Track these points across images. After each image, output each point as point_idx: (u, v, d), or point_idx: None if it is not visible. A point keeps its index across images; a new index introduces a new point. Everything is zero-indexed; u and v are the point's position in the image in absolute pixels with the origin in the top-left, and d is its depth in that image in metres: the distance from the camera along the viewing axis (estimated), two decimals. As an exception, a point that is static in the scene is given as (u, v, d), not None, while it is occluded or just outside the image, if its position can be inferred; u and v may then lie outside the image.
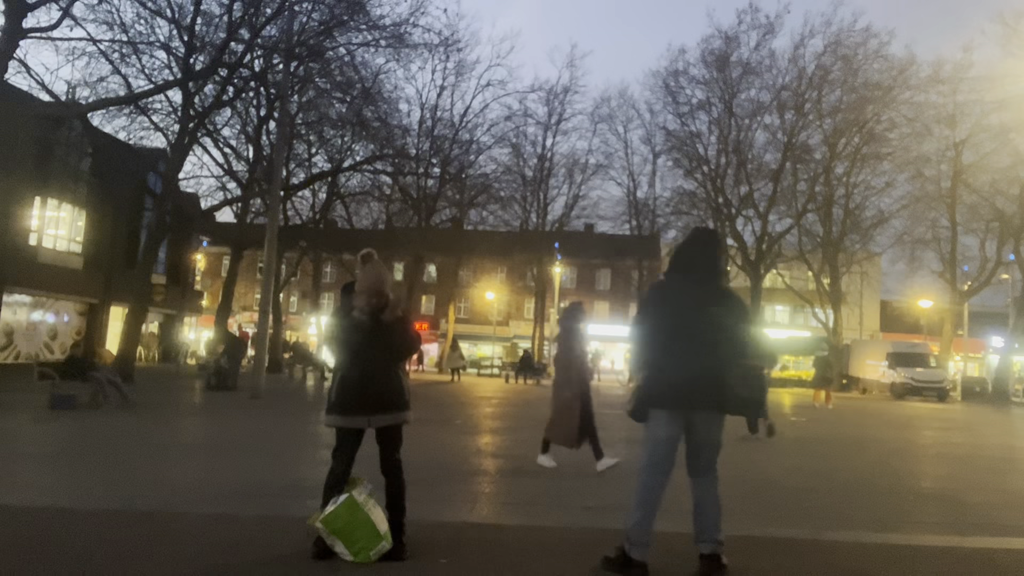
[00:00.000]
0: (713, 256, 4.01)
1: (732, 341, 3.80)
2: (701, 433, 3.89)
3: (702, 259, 3.99)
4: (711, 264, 3.98)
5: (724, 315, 3.84)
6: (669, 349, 3.84)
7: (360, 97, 22.97)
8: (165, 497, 5.56)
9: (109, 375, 13.31)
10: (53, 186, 22.95)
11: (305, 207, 33.84)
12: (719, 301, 3.89)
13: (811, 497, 6.51)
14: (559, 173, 43.88)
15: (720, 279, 4.03)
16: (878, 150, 36.16)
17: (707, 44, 38.17)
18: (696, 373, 3.77)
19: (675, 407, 3.82)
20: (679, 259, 4.06)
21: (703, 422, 3.86)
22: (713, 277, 3.97)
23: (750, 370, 3.80)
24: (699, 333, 3.81)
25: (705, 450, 3.93)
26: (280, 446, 9.00)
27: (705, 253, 4.01)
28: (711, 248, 4.05)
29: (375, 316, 4.09)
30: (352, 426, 4.06)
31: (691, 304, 3.87)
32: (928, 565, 4.26)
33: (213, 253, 47.90)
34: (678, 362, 3.80)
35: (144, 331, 27.86)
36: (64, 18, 16.47)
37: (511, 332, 51.54)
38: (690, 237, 4.20)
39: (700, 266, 3.97)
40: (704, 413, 3.84)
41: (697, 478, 3.96)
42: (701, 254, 4.01)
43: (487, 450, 9.11)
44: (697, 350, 3.79)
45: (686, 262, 4.03)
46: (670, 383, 3.81)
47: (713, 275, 3.97)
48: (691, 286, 3.93)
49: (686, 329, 3.83)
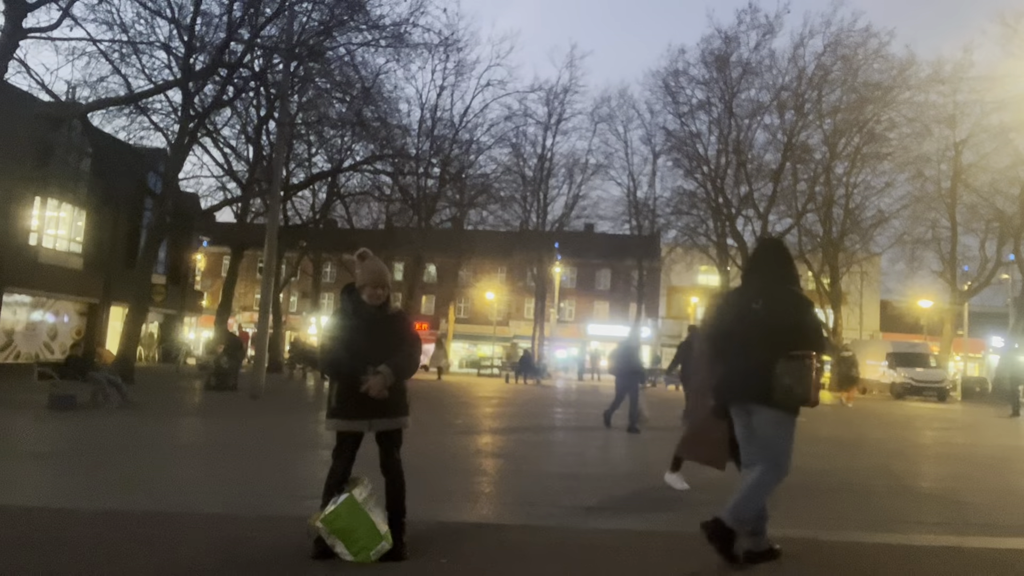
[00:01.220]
0: (771, 261, 4.29)
1: (782, 335, 3.96)
2: (752, 426, 4.09)
3: (760, 264, 4.33)
4: (768, 268, 4.26)
5: (776, 312, 4.04)
6: (727, 348, 4.19)
7: (360, 97, 22.95)
8: (165, 497, 5.56)
9: (109, 375, 13.32)
10: (53, 186, 22.94)
11: (305, 207, 33.88)
12: (772, 299, 4.09)
13: (811, 497, 6.51)
14: (559, 173, 43.95)
15: (771, 280, 4.20)
16: (878, 150, 36.15)
17: (707, 44, 38.26)
18: (746, 367, 4.03)
19: (734, 402, 4.15)
20: (745, 267, 4.45)
21: (754, 415, 4.07)
22: (768, 279, 4.20)
23: (797, 360, 3.92)
24: (750, 330, 4.07)
25: (757, 443, 4.08)
26: (280, 446, 9.00)
27: (763, 259, 4.35)
28: (768, 254, 4.37)
29: (380, 311, 4.10)
30: (353, 430, 4.06)
31: (746, 305, 4.16)
32: (928, 565, 4.26)
33: (213, 253, 47.90)
34: (733, 359, 4.13)
35: (144, 331, 27.87)
36: (64, 18, 16.46)
37: (511, 332, 51.51)
38: (755, 246, 4.56)
39: (758, 270, 4.31)
40: (755, 406, 4.04)
41: (744, 471, 4.14)
42: (760, 259, 4.37)
43: (487, 450, 9.11)
44: (748, 347, 4.05)
45: (748, 268, 4.46)
46: (727, 379, 4.16)
47: (769, 277, 4.21)
48: (748, 289, 4.27)
49: (740, 328, 4.13)
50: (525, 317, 50.84)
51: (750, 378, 4.00)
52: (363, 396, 3.93)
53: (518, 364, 32.86)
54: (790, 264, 4.29)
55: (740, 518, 3.94)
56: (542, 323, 43.14)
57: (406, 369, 4.09)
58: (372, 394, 3.91)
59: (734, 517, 3.92)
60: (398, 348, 4.05)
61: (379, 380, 3.90)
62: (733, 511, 3.93)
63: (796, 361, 3.89)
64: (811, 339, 4.00)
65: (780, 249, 4.40)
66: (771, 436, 4.03)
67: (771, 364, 3.90)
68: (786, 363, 3.88)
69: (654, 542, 4.61)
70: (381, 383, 3.90)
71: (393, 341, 4.06)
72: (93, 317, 25.96)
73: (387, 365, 3.94)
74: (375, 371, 3.91)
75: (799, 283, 4.34)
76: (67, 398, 11.98)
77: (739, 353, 4.09)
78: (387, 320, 4.12)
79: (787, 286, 4.19)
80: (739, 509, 3.94)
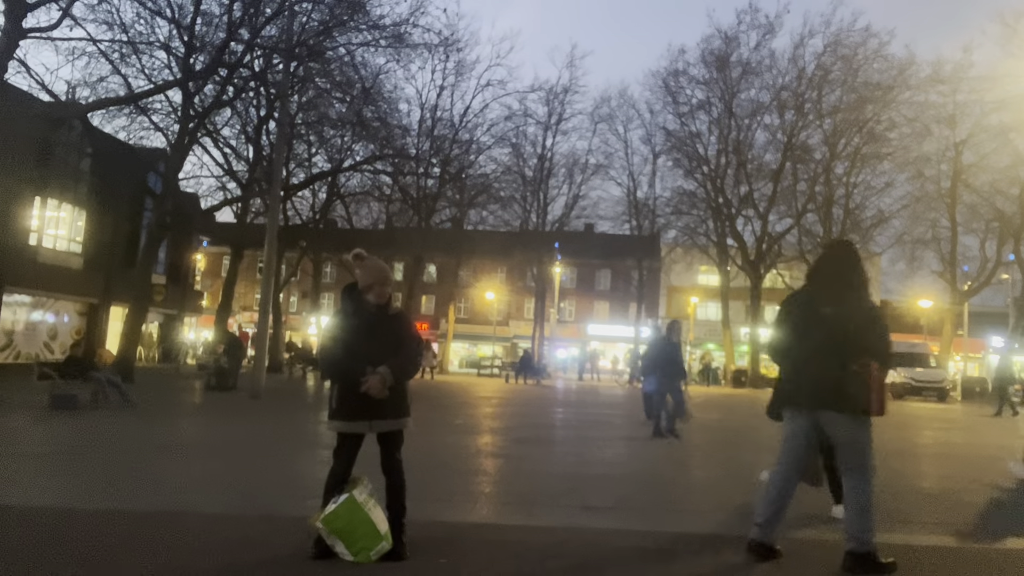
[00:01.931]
0: (841, 265, 4.24)
1: (851, 343, 3.98)
2: (828, 432, 4.12)
3: (828, 269, 4.29)
4: (836, 273, 4.22)
5: (844, 319, 4.03)
6: (794, 353, 4.19)
7: (360, 97, 22.97)
8: (165, 497, 5.56)
9: (109, 375, 13.31)
10: (53, 186, 22.93)
11: (305, 207, 33.89)
12: (842, 306, 4.08)
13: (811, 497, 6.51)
14: (559, 173, 43.88)
15: (841, 286, 4.18)
16: (878, 150, 36.16)
17: (707, 44, 38.27)
18: (815, 375, 4.05)
19: (800, 406, 4.16)
20: (811, 270, 4.40)
21: (828, 422, 4.08)
22: (837, 285, 4.18)
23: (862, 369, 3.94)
24: (820, 337, 4.07)
25: (840, 450, 4.12)
26: (280, 446, 9.00)
27: (833, 262, 4.30)
28: (838, 258, 4.31)
29: (381, 311, 4.10)
30: (354, 431, 4.06)
31: (815, 310, 4.14)
32: (928, 565, 4.26)
33: (213, 253, 47.89)
34: (801, 365, 4.15)
35: (144, 331, 27.87)
36: (64, 18, 16.46)
37: (511, 332, 51.52)
38: (823, 250, 4.56)
39: (825, 275, 4.27)
40: (827, 413, 4.06)
41: (844, 476, 4.13)
42: (827, 264, 4.32)
43: (487, 450, 9.11)
44: (817, 353, 4.06)
45: (816, 270, 4.39)
46: (795, 384, 4.19)
47: (837, 283, 4.18)
48: (817, 293, 4.22)
49: (809, 334, 4.12)
50: (525, 317, 50.83)
51: (820, 385, 4.02)
52: (364, 397, 3.92)
53: (518, 364, 32.87)
54: (859, 269, 4.23)
55: (862, 536, 3.96)
56: (542, 323, 43.13)
57: (407, 369, 4.09)
58: (372, 394, 3.90)
59: (857, 539, 3.96)
60: (399, 348, 4.05)
61: (378, 380, 3.89)
62: (853, 534, 3.97)
63: (862, 370, 3.93)
64: (878, 348, 4.02)
65: (849, 253, 4.32)
66: (849, 441, 4.06)
67: (839, 371, 3.94)
68: (853, 371, 3.93)
69: (654, 542, 4.61)
70: (381, 383, 3.90)
71: (394, 341, 4.06)
72: (93, 317, 25.95)
73: (387, 366, 3.94)
74: (375, 371, 3.91)
75: (868, 288, 4.31)
76: (67, 398, 11.98)
77: (809, 360, 4.09)
78: (388, 320, 4.11)
79: (857, 292, 4.17)
80: (854, 528, 3.98)
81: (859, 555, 3.94)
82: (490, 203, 37.56)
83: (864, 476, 4.03)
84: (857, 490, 4.02)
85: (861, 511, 3.99)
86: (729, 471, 8.30)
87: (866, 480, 4.03)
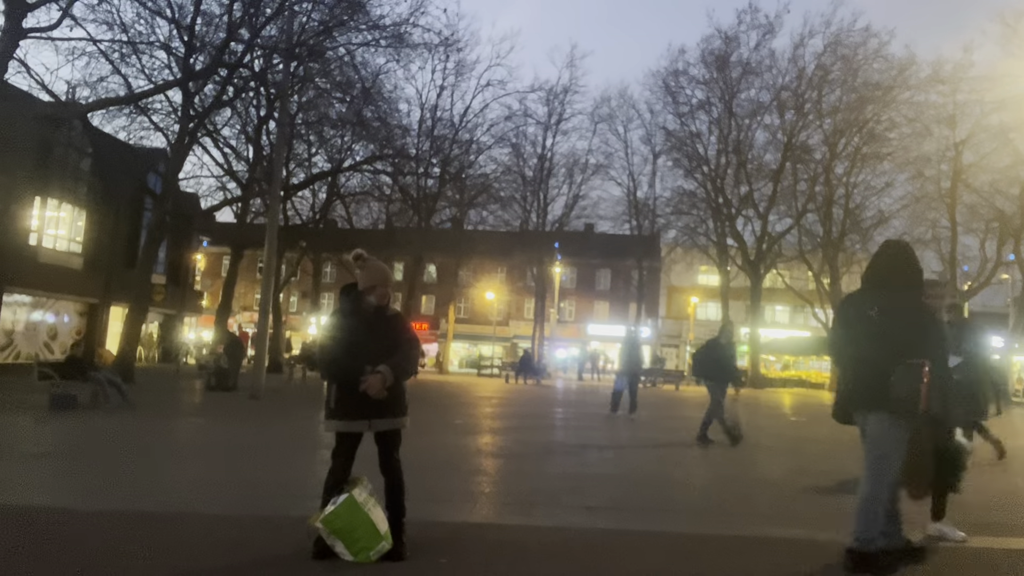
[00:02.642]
0: (891, 265, 4.18)
1: (897, 344, 3.94)
2: (866, 431, 4.09)
3: (881, 268, 4.22)
4: (888, 273, 4.17)
5: (891, 319, 4.00)
6: (846, 354, 4.20)
7: (360, 97, 22.96)
8: (165, 497, 5.56)
9: (109, 375, 13.31)
10: (53, 186, 22.94)
11: (305, 207, 33.89)
12: (889, 306, 4.05)
13: (811, 497, 6.52)
14: (559, 173, 43.86)
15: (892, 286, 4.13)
16: (878, 150, 36.11)
17: (707, 44, 38.20)
18: (863, 375, 4.04)
19: (856, 408, 4.13)
20: (865, 271, 4.33)
21: (870, 422, 4.06)
22: (887, 285, 4.14)
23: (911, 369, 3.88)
24: (865, 337, 4.05)
25: (867, 448, 4.08)
26: (280, 446, 9.00)
27: (884, 262, 4.23)
28: (889, 258, 4.24)
29: (380, 311, 4.10)
30: (352, 430, 4.06)
31: (863, 311, 4.11)
32: (928, 565, 4.26)
33: (213, 253, 47.87)
34: (852, 366, 4.14)
35: (144, 331, 27.86)
36: (64, 18, 16.46)
37: (511, 332, 51.50)
38: (878, 248, 4.44)
39: (877, 276, 4.22)
40: (873, 414, 4.02)
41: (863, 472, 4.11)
42: (880, 263, 4.24)
43: (487, 450, 9.11)
44: (864, 354, 4.04)
45: (868, 271, 4.30)
46: (847, 387, 4.18)
47: (888, 283, 4.14)
48: (867, 294, 4.18)
49: (856, 335, 4.11)
50: (525, 317, 50.80)
51: (865, 385, 4.01)
52: (362, 396, 3.92)
53: (518, 364, 32.88)
54: (912, 269, 4.16)
55: (865, 536, 3.93)
56: (542, 323, 43.12)
57: (405, 369, 4.09)
58: (371, 393, 3.90)
59: (858, 539, 3.94)
60: (397, 349, 4.06)
61: (378, 379, 3.90)
62: (855, 534, 3.95)
63: (910, 370, 3.87)
64: (926, 348, 3.96)
65: (901, 253, 4.25)
66: (875, 440, 4.02)
67: (885, 372, 3.89)
68: (901, 371, 3.87)
69: (654, 542, 4.61)
70: (380, 383, 3.90)
71: (392, 342, 4.07)
72: (93, 317, 25.95)
73: (387, 365, 3.94)
74: (374, 371, 3.92)
75: (920, 288, 4.23)
76: (67, 398, 11.98)
77: (856, 360, 4.10)
78: (386, 321, 4.12)
79: (907, 293, 4.12)
80: (858, 530, 3.95)
81: (859, 554, 3.92)
82: (490, 203, 37.58)
83: (877, 480, 4.00)
84: (865, 494, 4.00)
85: (863, 512, 3.96)
86: (729, 471, 8.29)
87: (879, 485, 4.00)
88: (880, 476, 4.00)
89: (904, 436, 3.99)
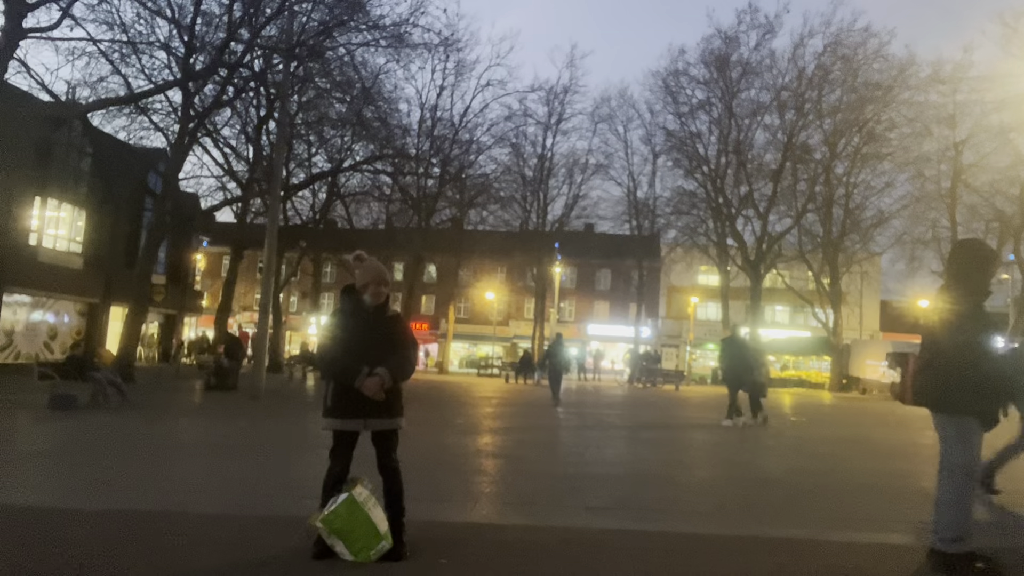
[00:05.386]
0: (959, 267, 4.22)
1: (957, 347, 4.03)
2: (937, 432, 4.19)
3: (951, 269, 4.27)
4: (954, 275, 4.21)
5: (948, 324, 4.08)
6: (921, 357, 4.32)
7: (360, 97, 22.98)
8: (165, 497, 5.55)
9: (109, 375, 13.32)
10: (53, 186, 22.94)
11: (305, 207, 33.89)
12: (950, 309, 4.11)
13: (811, 497, 6.51)
14: (559, 173, 43.82)
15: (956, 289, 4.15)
16: (878, 150, 36.13)
17: (707, 44, 38.27)
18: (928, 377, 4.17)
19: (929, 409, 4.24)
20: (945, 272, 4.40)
21: (936, 424, 4.17)
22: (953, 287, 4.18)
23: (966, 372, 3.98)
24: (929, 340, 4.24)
25: (940, 446, 4.15)
26: (280, 446, 9.00)
27: (954, 263, 4.28)
28: (958, 259, 4.28)
29: (379, 312, 4.10)
30: (348, 429, 4.07)
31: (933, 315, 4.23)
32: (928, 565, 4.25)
33: (213, 253, 47.87)
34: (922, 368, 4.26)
35: (144, 331, 27.87)
36: (64, 18, 16.47)
37: (511, 332, 51.49)
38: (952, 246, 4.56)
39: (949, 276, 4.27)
40: (937, 415, 4.15)
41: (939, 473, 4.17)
42: (951, 264, 4.29)
43: (487, 450, 9.10)
44: (930, 356, 4.20)
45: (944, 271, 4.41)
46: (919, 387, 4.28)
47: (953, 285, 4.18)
48: (940, 296, 4.23)
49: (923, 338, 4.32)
50: (525, 317, 50.79)
51: (931, 384, 4.14)
52: (359, 396, 3.94)
53: (518, 364, 32.88)
54: (979, 271, 4.14)
55: (950, 536, 3.95)
56: (542, 323, 43.11)
57: (404, 371, 4.10)
58: (368, 394, 3.91)
59: (942, 539, 3.97)
60: (396, 350, 4.06)
61: (376, 381, 3.90)
62: (940, 533, 3.98)
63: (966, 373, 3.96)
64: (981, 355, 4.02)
65: (970, 254, 4.24)
66: (943, 439, 4.11)
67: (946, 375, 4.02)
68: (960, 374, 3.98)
69: (655, 542, 4.61)
70: (378, 385, 3.91)
71: (391, 342, 4.07)
72: (93, 317, 25.94)
73: (385, 367, 3.94)
74: (373, 372, 3.92)
75: (984, 292, 4.19)
76: (67, 398, 11.98)
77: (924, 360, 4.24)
78: (385, 322, 4.13)
79: (969, 297, 4.11)
80: (941, 528, 3.99)
81: (941, 555, 3.96)
82: (490, 203, 37.56)
83: (953, 479, 4.03)
84: (941, 488, 4.06)
85: (947, 511, 4.00)
86: (729, 471, 8.29)
87: (959, 483, 4.02)
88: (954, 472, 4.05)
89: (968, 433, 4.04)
